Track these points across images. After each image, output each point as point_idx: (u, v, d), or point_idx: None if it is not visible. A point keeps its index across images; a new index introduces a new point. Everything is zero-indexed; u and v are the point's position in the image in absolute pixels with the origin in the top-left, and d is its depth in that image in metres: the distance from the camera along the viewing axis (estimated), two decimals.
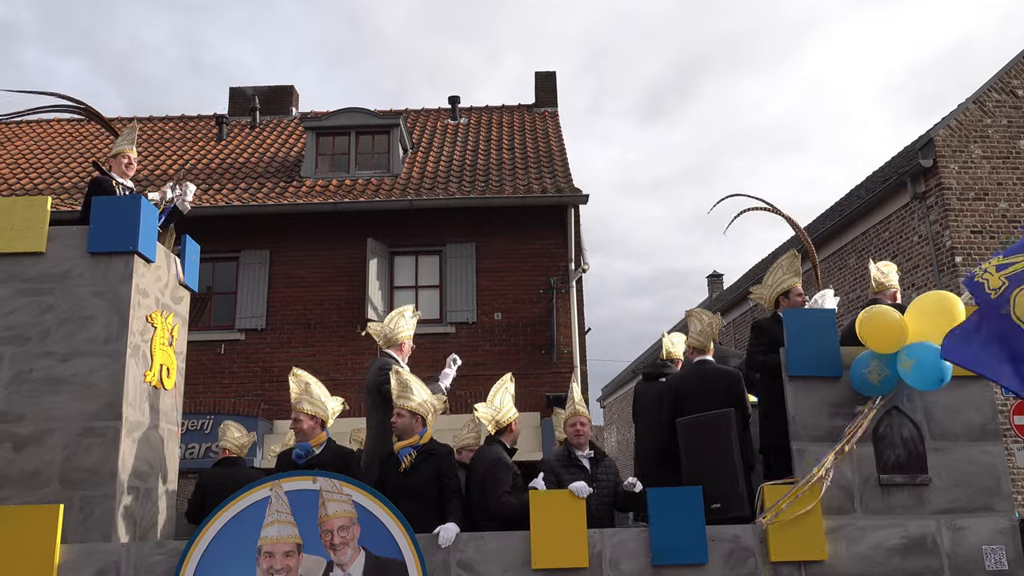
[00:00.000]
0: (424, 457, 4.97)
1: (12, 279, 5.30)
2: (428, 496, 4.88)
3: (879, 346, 4.75)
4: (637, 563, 4.63)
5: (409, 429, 5.04)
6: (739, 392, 5.60)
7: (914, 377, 4.65)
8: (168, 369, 5.84)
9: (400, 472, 4.92)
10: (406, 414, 5.06)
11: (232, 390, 13.22)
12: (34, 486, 4.91)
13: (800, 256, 5.87)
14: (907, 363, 4.65)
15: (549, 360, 13.32)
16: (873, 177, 16.15)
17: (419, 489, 4.87)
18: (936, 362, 4.59)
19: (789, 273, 5.68)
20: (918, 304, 4.84)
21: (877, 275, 5.97)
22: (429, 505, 4.85)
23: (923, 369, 4.61)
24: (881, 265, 6.02)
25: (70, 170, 15.78)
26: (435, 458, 5.00)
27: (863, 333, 4.81)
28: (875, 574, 4.69)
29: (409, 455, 4.95)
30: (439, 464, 4.99)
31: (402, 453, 4.97)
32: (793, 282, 5.67)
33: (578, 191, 13.94)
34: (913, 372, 4.63)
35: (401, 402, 5.08)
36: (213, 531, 4.53)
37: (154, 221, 5.68)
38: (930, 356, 4.61)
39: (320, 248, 13.89)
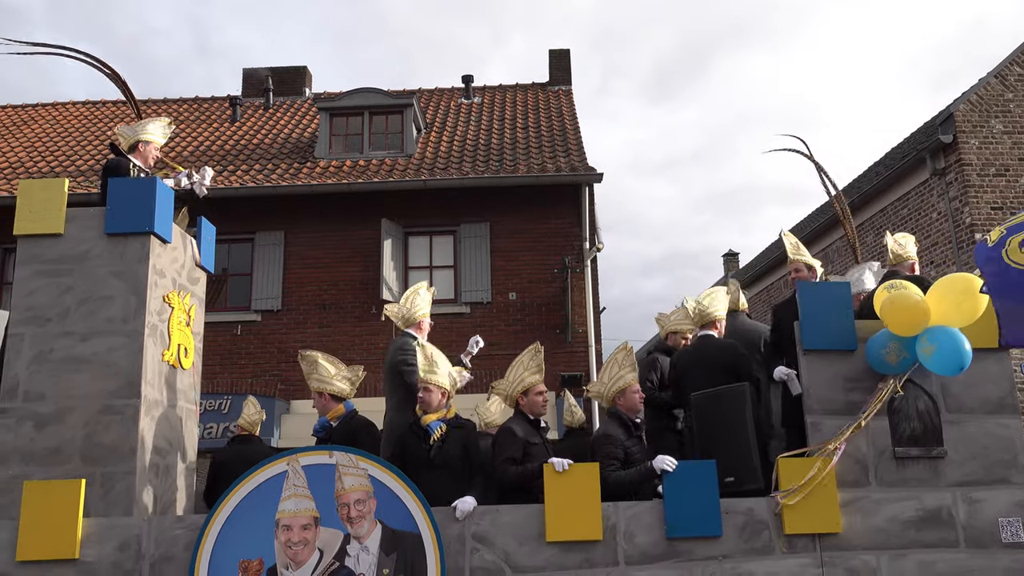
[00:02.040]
0: (452, 430, 5.03)
1: (32, 260, 5.36)
2: (457, 468, 4.94)
3: (900, 329, 4.72)
4: (651, 536, 4.66)
5: (438, 403, 5.07)
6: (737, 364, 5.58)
7: (935, 363, 4.63)
8: (186, 349, 5.90)
9: (429, 445, 4.96)
10: (434, 388, 5.08)
11: (249, 371, 13.34)
12: (56, 462, 5.00)
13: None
14: (928, 348, 4.62)
15: (564, 339, 13.33)
16: (892, 154, 15.99)
17: (449, 461, 4.92)
18: (958, 349, 4.56)
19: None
20: (941, 286, 4.81)
21: (894, 247, 5.92)
22: (458, 477, 4.91)
23: (945, 356, 4.59)
24: (898, 237, 5.97)
25: (86, 153, 15.89)
26: (463, 432, 5.07)
27: (884, 315, 4.78)
28: (890, 546, 4.69)
29: (441, 427, 4.99)
30: (466, 438, 5.06)
31: (433, 426, 5.00)
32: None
33: (592, 170, 13.89)
34: (934, 358, 4.61)
35: (430, 376, 5.10)
36: (232, 505, 4.59)
37: (170, 202, 5.72)
38: (952, 343, 4.57)
39: (334, 229, 13.94)
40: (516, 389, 5.22)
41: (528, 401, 5.19)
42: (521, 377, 5.21)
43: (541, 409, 5.21)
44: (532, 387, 5.19)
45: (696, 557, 4.64)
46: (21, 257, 5.37)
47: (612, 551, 4.64)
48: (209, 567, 4.49)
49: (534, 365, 5.24)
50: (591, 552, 4.63)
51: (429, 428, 5.01)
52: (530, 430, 5.12)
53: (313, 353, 5.47)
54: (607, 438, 5.04)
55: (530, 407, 5.19)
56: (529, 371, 5.21)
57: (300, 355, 5.48)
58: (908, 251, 5.90)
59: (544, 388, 5.27)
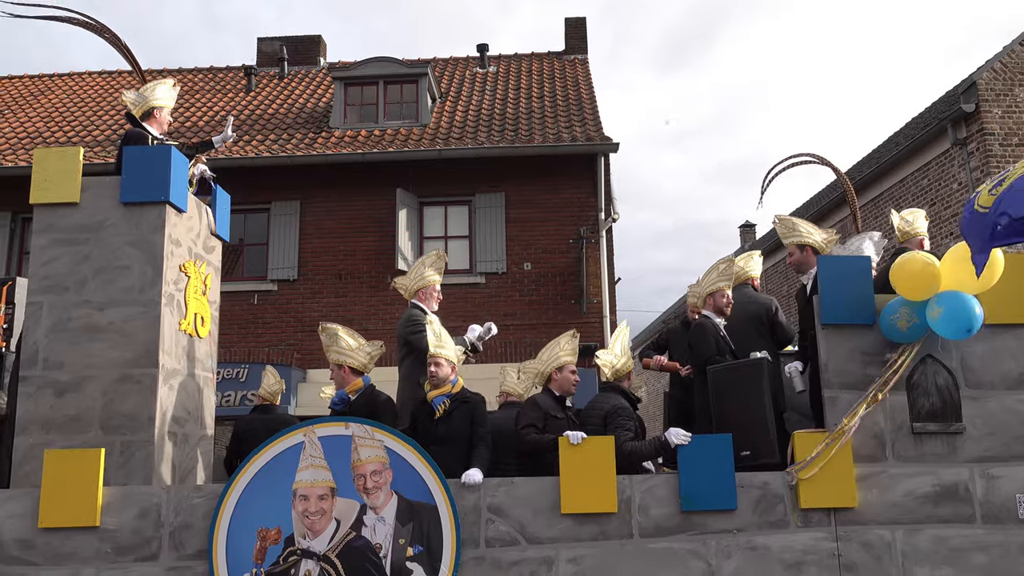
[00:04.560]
0: (458, 405, 5.07)
1: (48, 230, 5.38)
2: (461, 443, 4.98)
3: (910, 293, 4.67)
4: (666, 509, 4.67)
5: (446, 378, 5.12)
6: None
7: (942, 326, 4.56)
8: (202, 318, 5.92)
9: (435, 420, 5.01)
10: (444, 363, 5.14)
11: (266, 340, 13.43)
12: (76, 431, 5.05)
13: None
14: (936, 311, 4.56)
15: (578, 310, 13.31)
16: (912, 123, 15.74)
17: (453, 436, 4.97)
18: (966, 312, 4.49)
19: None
20: (953, 252, 4.73)
21: (901, 224, 5.77)
22: (463, 452, 4.94)
23: (951, 318, 4.51)
24: (905, 213, 5.84)
25: (102, 123, 15.90)
26: (468, 406, 5.10)
27: (895, 279, 4.73)
28: (905, 521, 4.68)
29: (444, 403, 5.04)
30: (473, 412, 5.09)
31: (436, 401, 5.06)
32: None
33: (608, 139, 13.76)
34: (941, 320, 4.54)
35: (439, 351, 5.15)
36: (249, 475, 4.64)
37: (185, 172, 5.71)
38: (959, 305, 4.50)
39: (350, 199, 13.92)
40: (551, 366, 5.32)
41: (560, 378, 5.30)
42: (557, 355, 5.33)
43: (571, 388, 5.33)
44: (567, 365, 5.31)
45: (710, 530, 4.65)
46: (37, 226, 5.39)
47: (626, 524, 4.66)
48: (228, 535, 4.55)
49: (570, 348, 5.37)
50: (605, 524, 4.65)
51: (433, 404, 5.07)
52: (554, 405, 5.20)
53: (334, 326, 5.50)
54: (622, 409, 5.06)
55: (561, 384, 5.30)
56: (566, 352, 5.34)
57: (321, 327, 5.51)
58: (916, 227, 5.73)
59: (576, 369, 5.37)
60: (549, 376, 5.32)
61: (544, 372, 5.35)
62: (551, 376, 5.31)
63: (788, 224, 5.79)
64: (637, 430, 5.05)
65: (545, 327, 13.17)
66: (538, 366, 5.41)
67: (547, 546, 4.62)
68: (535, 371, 5.45)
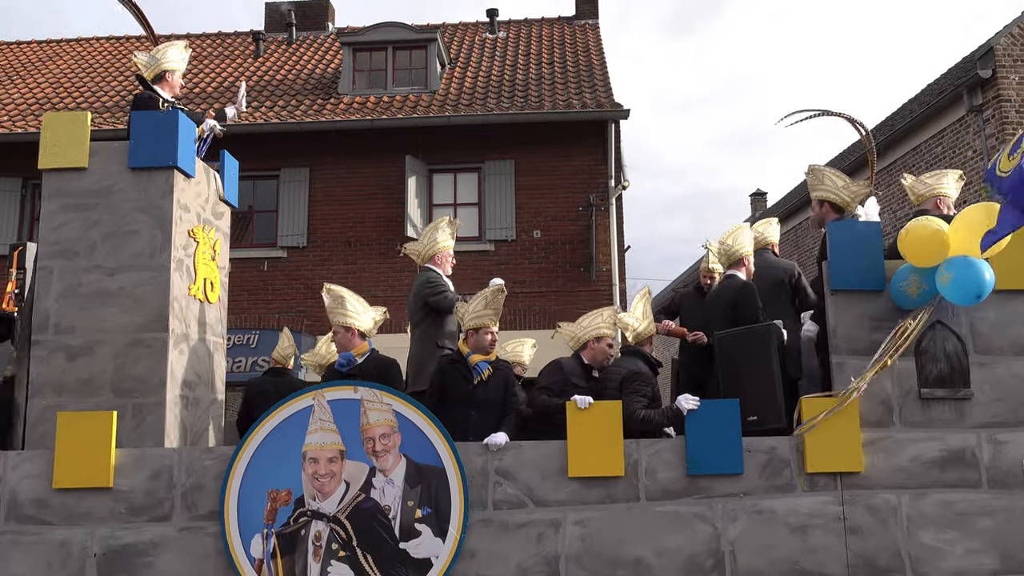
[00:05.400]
0: (495, 371, 5.18)
1: (57, 195, 5.40)
2: (496, 408, 5.09)
3: (918, 259, 4.63)
4: (672, 472, 4.70)
5: (493, 345, 5.24)
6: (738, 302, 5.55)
7: (951, 292, 4.52)
8: (212, 283, 5.95)
9: (473, 384, 5.09)
10: (493, 332, 5.23)
11: (276, 306, 13.50)
12: (88, 394, 5.11)
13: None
14: (945, 277, 4.52)
15: (588, 278, 13.30)
16: (927, 90, 15.54)
17: (491, 401, 5.08)
18: (975, 278, 4.45)
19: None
20: (963, 216, 4.69)
21: (913, 185, 5.63)
22: (497, 418, 5.04)
23: (961, 284, 4.47)
24: (925, 176, 5.72)
25: (111, 89, 15.86)
26: (503, 372, 5.24)
27: (903, 246, 4.69)
28: (911, 486, 4.70)
29: (488, 368, 5.14)
30: (507, 378, 5.24)
31: (481, 366, 5.14)
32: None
33: (619, 106, 13.64)
34: (950, 286, 4.49)
35: (488, 322, 5.22)
36: (259, 438, 4.69)
37: (193, 136, 5.70)
38: (968, 271, 4.46)
39: (359, 166, 13.89)
40: (590, 333, 5.33)
41: (596, 348, 5.31)
42: (598, 325, 5.34)
43: (603, 360, 5.33)
44: (605, 337, 5.31)
45: (716, 494, 4.68)
46: (46, 191, 5.41)
47: (633, 487, 4.69)
48: (239, 496, 4.61)
49: (611, 321, 5.39)
50: (612, 488, 4.68)
51: (477, 368, 5.12)
52: (579, 371, 5.22)
53: (338, 288, 5.51)
54: (639, 375, 5.04)
55: (594, 354, 5.31)
56: (607, 324, 5.35)
57: (325, 288, 5.53)
58: (933, 187, 5.53)
59: (613, 343, 5.39)
60: (585, 343, 5.32)
61: (581, 338, 5.35)
62: (587, 343, 5.32)
63: (817, 175, 5.55)
64: (653, 397, 5.04)
65: (554, 295, 13.20)
66: (576, 330, 5.40)
67: (554, 509, 4.66)
68: (571, 334, 5.43)
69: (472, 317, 5.25)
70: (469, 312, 5.27)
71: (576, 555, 4.62)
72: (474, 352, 5.19)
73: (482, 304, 5.26)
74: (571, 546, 4.62)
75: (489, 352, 5.22)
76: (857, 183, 5.57)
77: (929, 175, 5.71)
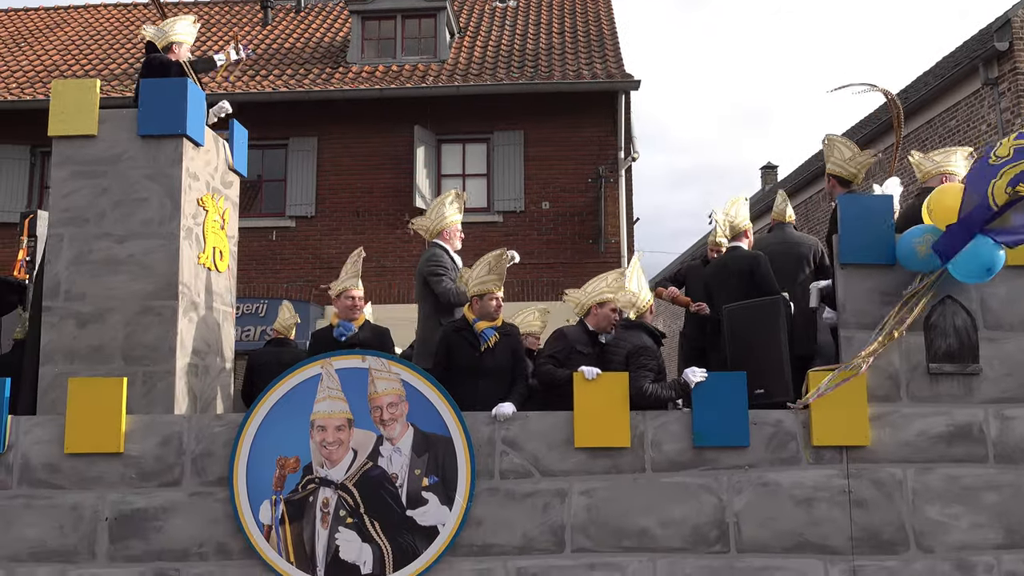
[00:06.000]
0: (501, 337, 5.12)
1: (67, 162, 5.40)
2: (505, 376, 5.06)
3: (942, 221, 4.58)
4: (678, 444, 4.72)
5: (498, 311, 5.18)
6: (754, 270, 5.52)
7: (962, 262, 4.49)
8: (221, 252, 5.96)
9: (480, 352, 5.05)
10: (498, 298, 5.17)
11: (285, 276, 13.53)
12: (99, 361, 5.15)
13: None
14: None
15: (596, 250, 13.27)
16: (942, 63, 15.34)
17: (499, 368, 5.04)
18: (988, 251, 4.41)
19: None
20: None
21: (919, 161, 5.55)
22: (506, 385, 5.02)
23: (972, 256, 4.44)
24: (933, 153, 5.65)
25: (119, 56, 15.79)
26: (511, 338, 5.18)
27: (931, 206, 4.65)
28: (917, 460, 4.71)
29: (495, 335, 5.08)
30: (515, 344, 5.19)
31: (487, 333, 5.08)
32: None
33: (629, 76, 13.52)
34: (962, 256, 4.46)
35: (493, 288, 5.16)
36: (268, 405, 4.73)
37: (202, 105, 5.68)
38: (983, 244, 4.41)
39: (367, 136, 13.83)
40: (593, 299, 5.19)
41: (600, 313, 5.16)
42: (601, 290, 5.21)
43: (608, 326, 5.20)
44: (609, 302, 5.18)
45: (722, 466, 4.70)
46: (56, 159, 5.41)
47: (639, 458, 4.72)
48: (248, 463, 4.66)
49: (616, 286, 5.27)
50: (618, 458, 4.71)
51: (483, 335, 5.07)
52: (583, 339, 5.11)
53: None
54: (644, 349, 5.01)
55: (598, 319, 5.16)
56: (611, 289, 5.22)
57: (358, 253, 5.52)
58: (941, 165, 5.42)
59: (617, 308, 5.27)
60: (589, 309, 5.21)
61: (584, 304, 5.22)
62: (591, 309, 5.19)
63: (829, 147, 5.54)
64: (658, 370, 5.03)
65: (562, 266, 13.18)
66: (580, 296, 5.29)
67: (560, 478, 4.69)
68: (576, 300, 5.34)
69: (476, 283, 5.18)
70: (473, 278, 5.21)
71: (582, 524, 4.66)
72: (480, 319, 5.13)
73: (486, 270, 5.19)
74: (577, 516, 4.66)
75: (495, 318, 5.15)
76: (864, 153, 5.53)
77: (937, 152, 5.63)
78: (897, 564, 4.61)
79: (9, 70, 15.18)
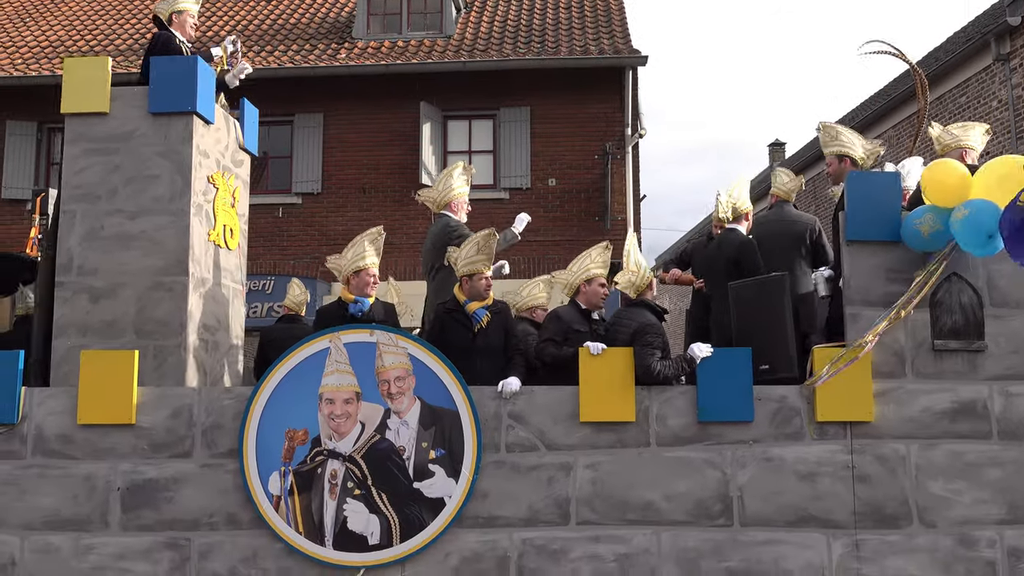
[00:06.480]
0: (493, 316, 5.17)
1: (79, 139, 5.44)
2: (499, 352, 5.11)
3: (938, 198, 4.59)
4: (683, 419, 4.77)
5: (488, 291, 5.21)
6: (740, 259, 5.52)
7: (963, 229, 4.46)
8: (231, 230, 6.00)
9: (475, 332, 5.10)
10: (487, 277, 5.21)
11: (291, 253, 13.57)
12: (111, 335, 5.21)
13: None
14: (960, 213, 4.46)
15: (603, 227, 13.26)
16: (953, 38, 15.20)
17: (492, 347, 5.09)
18: (990, 218, 4.39)
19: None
20: (989, 165, 4.63)
21: (940, 135, 5.55)
22: (500, 360, 5.08)
23: (973, 223, 4.42)
24: (952, 127, 5.65)
25: (124, 32, 15.74)
26: (501, 316, 5.22)
27: (925, 182, 4.65)
28: (921, 436, 4.75)
29: (487, 315, 5.14)
30: (506, 321, 5.24)
31: (479, 313, 5.13)
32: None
33: (637, 52, 13.45)
34: (963, 223, 4.44)
35: (482, 267, 5.21)
36: (277, 379, 4.79)
37: (211, 82, 5.69)
38: (985, 211, 4.39)
39: (373, 112, 13.80)
40: (580, 278, 5.21)
41: (589, 291, 5.19)
42: (587, 267, 5.22)
43: (599, 301, 5.24)
44: (596, 278, 5.19)
45: (726, 441, 4.75)
46: (69, 136, 5.44)
47: (644, 433, 4.77)
48: (257, 435, 4.73)
49: (601, 260, 5.27)
50: (623, 433, 4.76)
51: (475, 316, 5.12)
52: (578, 318, 5.13)
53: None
54: (649, 327, 5.01)
55: (588, 297, 5.19)
56: (596, 264, 5.23)
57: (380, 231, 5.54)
58: (959, 139, 5.42)
59: (606, 283, 5.29)
60: (577, 288, 5.22)
61: (572, 283, 5.24)
62: (579, 288, 5.21)
63: (831, 132, 5.55)
64: (663, 347, 5.05)
65: (569, 244, 13.17)
66: (567, 276, 5.31)
67: (565, 452, 4.75)
68: (564, 281, 5.37)
69: (465, 263, 5.20)
70: (461, 258, 5.23)
71: (586, 498, 4.72)
72: (470, 300, 5.16)
73: (474, 249, 5.21)
74: (582, 489, 4.72)
75: (485, 298, 5.19)
76: (871, 141, 5.60)
77: (957, 126, 5.61)
78: (899, 538, 4.67)
79: (15, 46, 15.15)
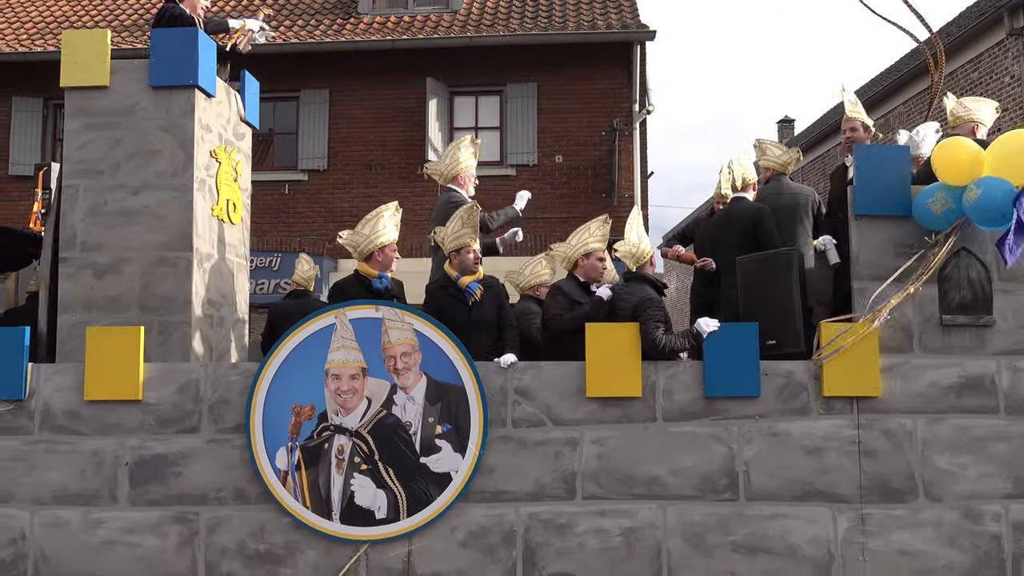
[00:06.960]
0: (485, 290, 5.19)
1: (80, 113, 5.40)
2: (492, 325, 5.15)
3: (949, 176, 4.55)
4: (690, 394, 4.76)
5: (477, 264, 5.22)
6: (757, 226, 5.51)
7: (977, 208, 4.43)
8: (234, 204, 5.98)
9: (469, 306, 5.11)
10: (475, 251, 5.22)
11: (298, 229, 13.56)
12: (116, 310, 5.22)
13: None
14: (973, 192, 4.42)
15: (610, 203, 13.19)
16: (966, 13, 14.98)
17: (485, 320, 5.12)
18: (1004, 197, 4.36)
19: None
20: (1001, 140, 4.58)
21: (955, 107, 5.51)
22: (495, 333, 5.12)
23: (987, 202, 4.37)
24: (966, 100, 5.59)
25: (128, 7, 15.66)
26: (493, 290, 5.25)
27: (936, 160, 4.61)
28: (927, 411, 4.73)
29: (479, 288, 5.16)
30: (498, 295, 5.26)
31: (472, 287, 5.15)
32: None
33: (645, 27, 13.30)
34: (977, 202, 4.40)
35: (470, 241, 5.20)
36: (283, 355, 4.78)
37: (213, 55, 5.64)
38: (999, 190, 4.36)
39: (379, 88, 13.72)
40: (578, 251, 5.26)
41: (587, 264, 5.24)
42: (585, 241, 5.26)
43: (598, 275, 5.29)
44: (595, 252, 5.25)
45: (732, 416, 4.74)
46: (69, 110, 5.41)
47: (650, 408, 4.76)
48: (264, 411, 4.73)
49: (600, 234, 5.30)
50: (629, 408, 4.75)
51: (468, 289, 5.13)
52: (578, 290, 5.21)
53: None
54: (650, 301, 5.00)
55: (587, 270, 5.25)
56: (595, 238, 5.28)
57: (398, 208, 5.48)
58: (972, 112, 5.42)
59: (605, 256, 5.33)
60: (576, 261, 5.27)
61: (571, 257, 5.29)
62: (577, 261, 5.26)
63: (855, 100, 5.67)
64: (665, 320, 5.04)
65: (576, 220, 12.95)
66: (566, 250, 5.36)
67: (572, 428, 4.75)
68: (563, 254, 5.41)
69: (452, 239, 5.22)
70: (448, 234, 5.25)
71: (593, 472, 4.72)
72: (461, 275, 5.19)
73: (459, 224, 5.23)
74: (588, 464, 4.72)
75: (475, 271, 5.20)
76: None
77: (970, 99, 5.61)
78: (905, 512, 4.67)
79: (20, 21, 15.09)
